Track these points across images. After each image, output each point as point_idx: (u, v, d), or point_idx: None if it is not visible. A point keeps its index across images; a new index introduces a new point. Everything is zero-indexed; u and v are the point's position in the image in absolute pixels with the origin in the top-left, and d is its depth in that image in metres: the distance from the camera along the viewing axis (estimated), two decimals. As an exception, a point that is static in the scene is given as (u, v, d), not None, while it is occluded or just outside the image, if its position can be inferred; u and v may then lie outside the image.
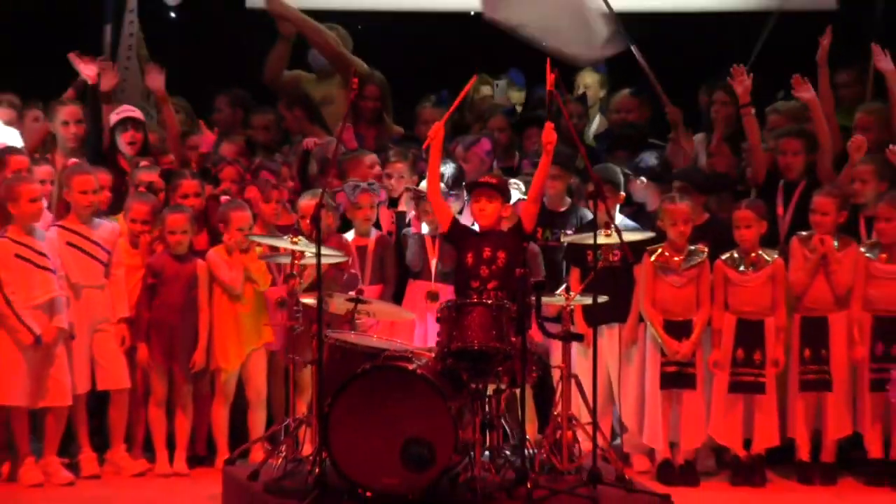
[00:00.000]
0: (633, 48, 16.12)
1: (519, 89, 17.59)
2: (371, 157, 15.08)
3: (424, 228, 13.95)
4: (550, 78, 12.84)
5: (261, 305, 13.40)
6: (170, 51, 16.84)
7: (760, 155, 14.55)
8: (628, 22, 16.32)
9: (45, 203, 13.57)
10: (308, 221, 12.83)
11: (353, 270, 13.58)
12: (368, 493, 10.79)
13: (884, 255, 12.97)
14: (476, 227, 12.47)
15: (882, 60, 14.52)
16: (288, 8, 16.67)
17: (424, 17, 17.85)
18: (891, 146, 13.70)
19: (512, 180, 14.57)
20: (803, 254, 13.11)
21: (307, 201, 13.46)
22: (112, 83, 15.62)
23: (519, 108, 17.12)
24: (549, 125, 12.31)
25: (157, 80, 15.15)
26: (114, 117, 15.11)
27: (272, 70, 16.85)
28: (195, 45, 17.63)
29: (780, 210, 13.96)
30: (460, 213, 13.89)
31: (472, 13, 16.46)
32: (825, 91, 14.95)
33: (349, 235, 13.94)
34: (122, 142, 14.92)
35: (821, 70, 14.81)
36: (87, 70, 15.41)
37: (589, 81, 17.16)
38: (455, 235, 12.36)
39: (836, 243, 13.02)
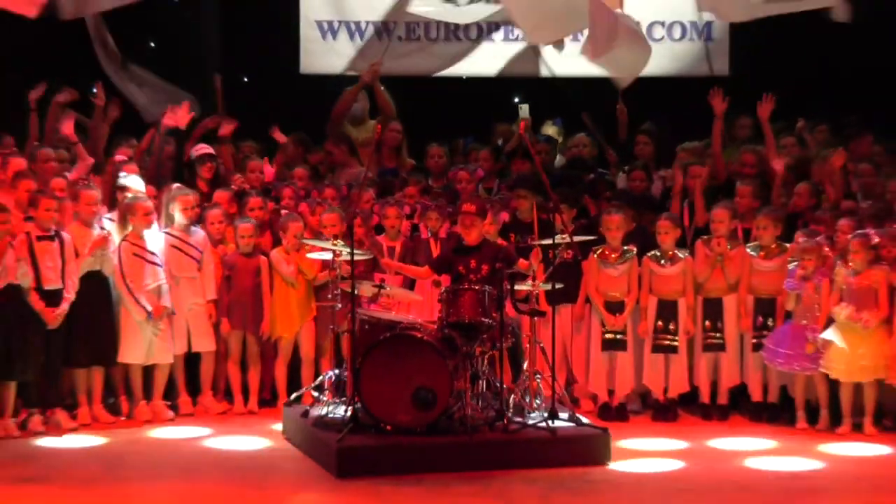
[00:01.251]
0: (583, 115, 16.16)
1: (559, 131, 16.77)
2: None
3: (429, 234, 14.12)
4: (521, 125, 13.91)
5: (309, 290, 13.72)
6: (242, 106, 16.26)
7: (720, 160, 14.83)
8: (574, 87, 16.46)
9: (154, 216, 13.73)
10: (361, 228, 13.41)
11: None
12: (388, 427, 11.41)
13: (762, 254, 13.37)
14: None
15: (762, 109, 14.71)
16: (374, 77, 16.22)
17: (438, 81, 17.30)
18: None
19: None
20: (705, 252, 13.50)
21: (337, 215, 13.77)
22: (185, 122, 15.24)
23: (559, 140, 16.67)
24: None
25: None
26: (194, 152, 15.09)
27: (342, 107, 16.34)
28: (263, 102, 16.88)
29: (686, 221, 14.22)
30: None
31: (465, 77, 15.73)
32: (717, 135, 15.04)
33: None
34: (203, 170, 14.91)
35: (716, 122, 14.78)
36: (175, 120, 15.08)
37: (551, 132, 16.66)
38: (444, 268, 12.92)
39: (728, 245, 13.31)
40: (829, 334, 12.80)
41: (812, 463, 11.94)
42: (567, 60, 16.39)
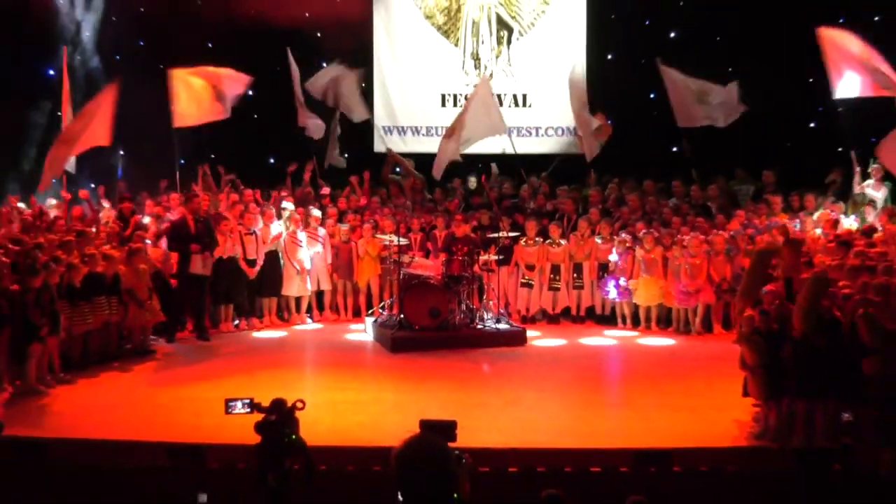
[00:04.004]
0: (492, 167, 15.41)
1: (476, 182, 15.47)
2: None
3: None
4: (483, 178, 14.51)
5: (376, 259, 13.66)
6: (348, 168, 15.37)
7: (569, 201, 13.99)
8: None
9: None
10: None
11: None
12: (417, 327, 12.07)
13: (603, 241, 13.26)
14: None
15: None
16: (397, 156, 15.48)
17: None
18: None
19: None
20: (575, 241, 13.48)
21: (391, 221, 13.59)
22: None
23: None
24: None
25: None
26: (323, 192, 14.53)
27: (385, 173, 15.56)
28: (357, 166, 15.46)
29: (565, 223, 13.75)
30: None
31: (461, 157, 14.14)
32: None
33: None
34: (328, 201, 14.22)
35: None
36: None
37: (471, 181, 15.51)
38: (445, 248, 12.81)
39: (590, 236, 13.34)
40: (633, 284, 13.15)
41: (633, 341, 12.62)
42: (522, 142, 15.28)
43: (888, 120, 11.83)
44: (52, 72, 13.19)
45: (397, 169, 15.28)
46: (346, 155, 15.53)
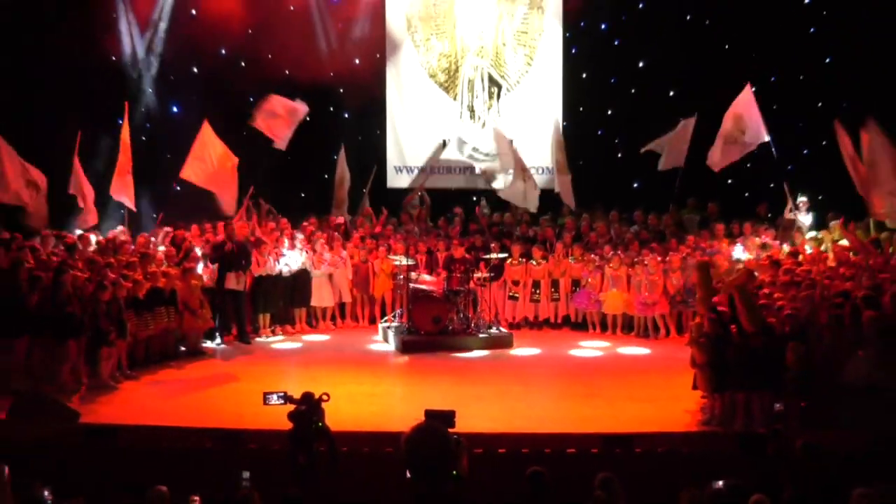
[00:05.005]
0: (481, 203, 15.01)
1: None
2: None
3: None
4: (477, 209, 14.39)
5: (389, 276, 13.24)
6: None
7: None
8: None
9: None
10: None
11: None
12: (422, 332, 11.91)
13: (576, 262, 13.05)
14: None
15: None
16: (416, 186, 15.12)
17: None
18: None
19: None
20: (553, 261, 13.12)
21: (402, 245, 13.36)
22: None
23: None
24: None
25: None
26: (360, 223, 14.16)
27: (407, 201, 15.07)
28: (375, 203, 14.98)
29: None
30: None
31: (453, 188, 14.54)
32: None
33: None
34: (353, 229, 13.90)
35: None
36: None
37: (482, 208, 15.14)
38: (446, 267, 12.67)
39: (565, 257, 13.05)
40: (602, 296, 12.95)
41: (602, 344, 12.39)
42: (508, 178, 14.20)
43: (814, 163, 12.29)
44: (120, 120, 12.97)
45: (414, 201, 14.93)
46: (365, 189, 15.10)
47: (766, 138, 12.40)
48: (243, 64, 14.83)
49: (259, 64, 14.60)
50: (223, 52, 14.56)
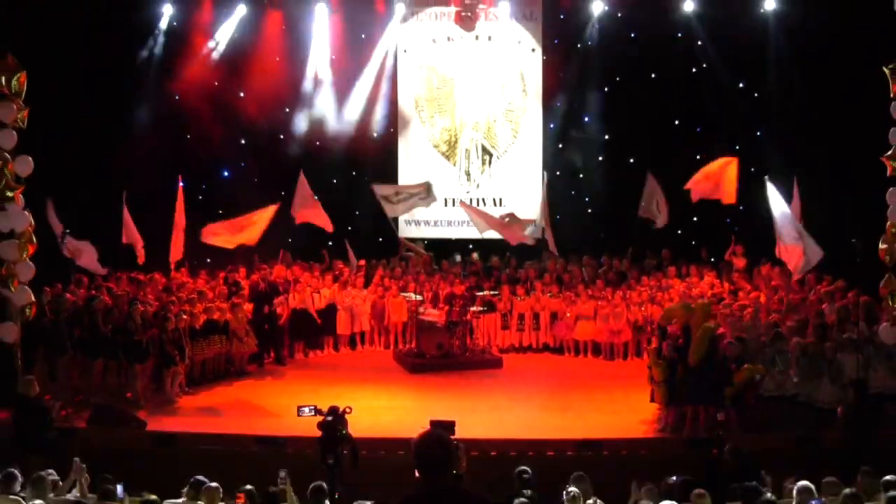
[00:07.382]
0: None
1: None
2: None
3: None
4: (473, 255, 13.99)
5: (401, 310, 12.85)
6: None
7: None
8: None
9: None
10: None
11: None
12: (428, 356, 11.73)
13: (554, 297, 12.67)
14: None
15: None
16: (407, 242, 14.29)
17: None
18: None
19: None
20: (535, 296, 12.67)
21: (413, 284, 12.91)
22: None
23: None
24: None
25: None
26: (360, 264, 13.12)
27: (400, 251, 14.17)
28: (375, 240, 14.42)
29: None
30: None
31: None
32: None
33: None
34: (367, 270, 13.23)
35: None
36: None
37: (475, 257, 14.49)
38: (447, 302, 12.15)
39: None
40: (576, 326, 12.52)
41: (574, 367, 12.10)
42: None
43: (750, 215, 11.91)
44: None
45: (406, 251, 14.29)
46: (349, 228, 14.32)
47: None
48: (282, 136, 14.94)
49: (293, 137, 14.58)
50: (265, 127, 14.69)
